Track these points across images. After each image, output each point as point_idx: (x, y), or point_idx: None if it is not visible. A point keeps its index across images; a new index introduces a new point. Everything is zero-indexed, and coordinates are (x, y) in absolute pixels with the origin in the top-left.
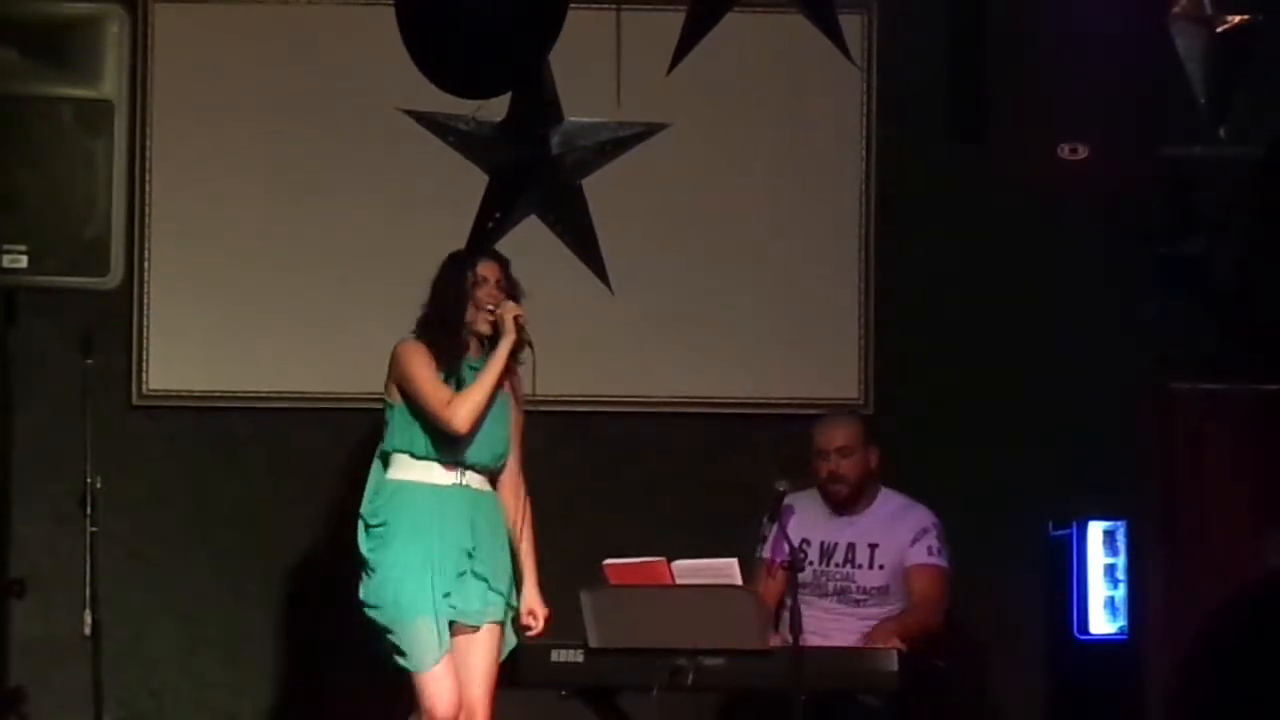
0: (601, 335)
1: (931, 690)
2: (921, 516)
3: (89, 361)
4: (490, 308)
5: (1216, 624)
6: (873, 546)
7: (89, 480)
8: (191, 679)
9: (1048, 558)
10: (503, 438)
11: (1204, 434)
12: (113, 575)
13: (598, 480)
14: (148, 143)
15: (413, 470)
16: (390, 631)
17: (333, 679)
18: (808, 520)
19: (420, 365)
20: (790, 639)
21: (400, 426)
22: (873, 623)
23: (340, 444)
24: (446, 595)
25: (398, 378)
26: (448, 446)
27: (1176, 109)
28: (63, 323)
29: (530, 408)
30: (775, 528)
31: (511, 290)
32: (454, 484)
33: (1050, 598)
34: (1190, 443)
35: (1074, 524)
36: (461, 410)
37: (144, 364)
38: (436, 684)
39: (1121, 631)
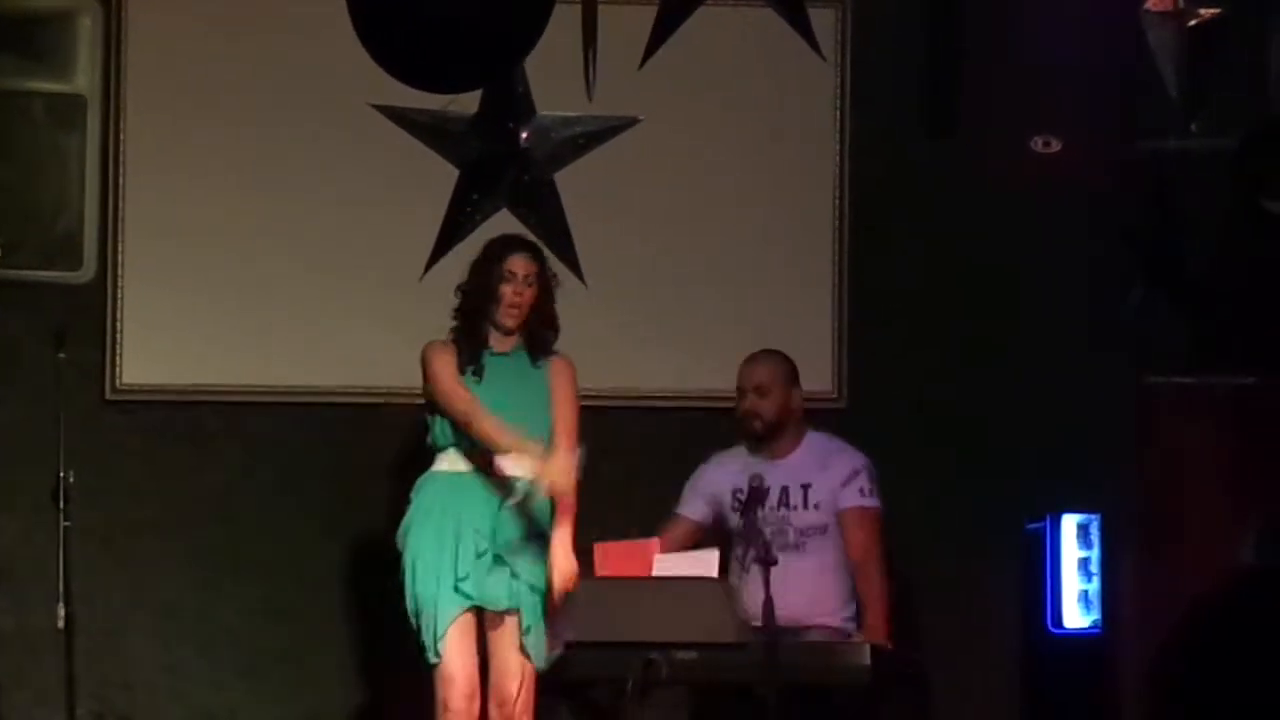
0: (574, 329)
1: (904, 683)
2: (852, 458)
3: (62, 356)
4: (514, 305)
5: (1190, 619)
6: (805, 487)
7: (62, 474)
8: (165, 672)
9: (1022, 551)
10: (521, 425)
11: (1179, 428)
12: (86, 569)
13: None
14: (121, 137)
15: (443, 461)
16: (411, 621)
17: (308, 672)
18: (734, 470)
19: (439, 366)
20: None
21: (433, 423)
22: (814, 569)
23: (314, 438)
24: (465, 578)
25: (425, 380)
26: (463, 435)
27: (1150, 102)
28: (36, 317)
29: None
30: (748, 516)
31: (544, 283)
32: (473, 470)
33: (1024, 591)
34: (1165, 437)
35: (1048, 517)
36: (478, 420)
37: (117, 358)
38: (445, 679)
39: (1095, 625)
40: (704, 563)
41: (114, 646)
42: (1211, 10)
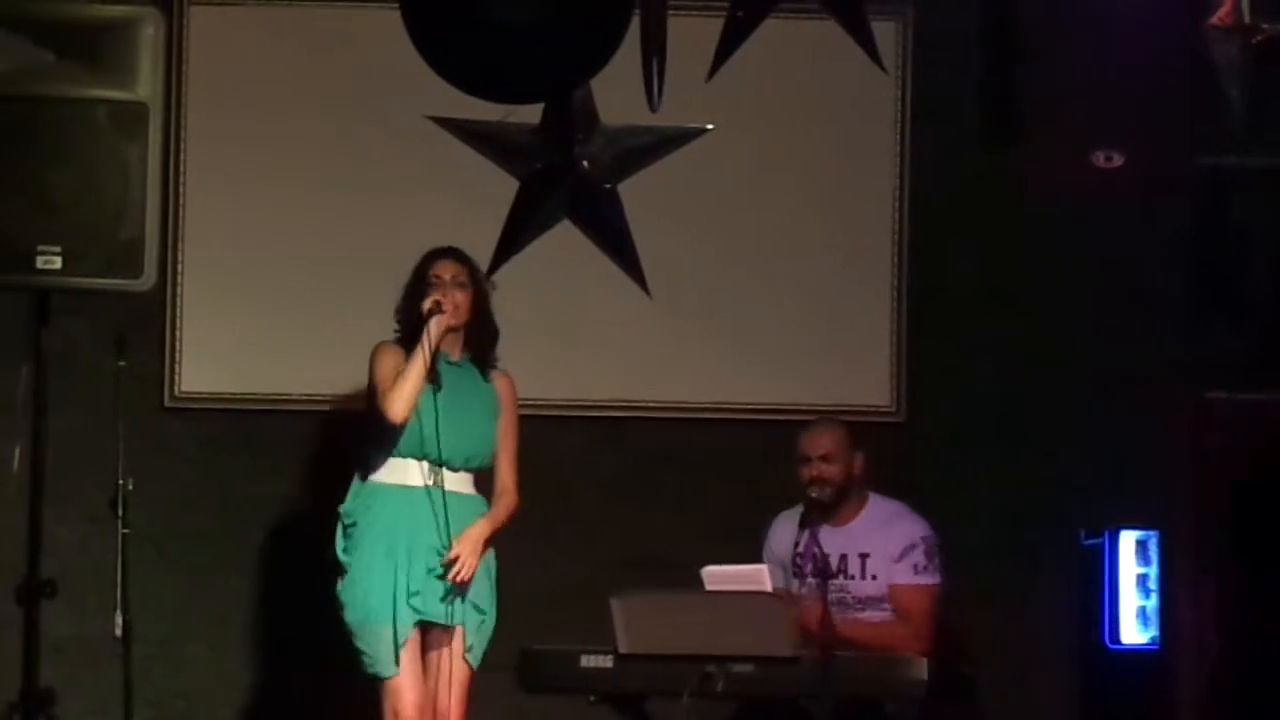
0: (637, 340)
1: (961, 699)
2: (910, 529)
3: (122, 363)
4: (444, 308)
5: (1247, 635)
6: (864, 557)
7: (120, 482)
8: (221, 681)
9: (1080, 567)
10: (478, 436)
11: (1237, 444)
12: (144, 577)
13: (632, 486)
14: (182, 145)
15: (386, 472)
16: (356, 634)
17: (364, 681)
18: (793, 534)
19: (380, 363)
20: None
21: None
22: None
23: None
24: (416, 594)
25: (370, 378)
26: (409, 443)
27: (1212, 117)
28: (96, 324)
29: (565, 413)
30: (805, 534)
31: (476, 286)
32: (426, 484)
33: (1082, 607)
34: (1223, 452)
35: (1106, 533)
36: (394, 399)
37: (176, 366)
38: (397, 691)
39: (1153, 641)
40: (755, 578)
41: (171, 655)
42: (1276, 27)
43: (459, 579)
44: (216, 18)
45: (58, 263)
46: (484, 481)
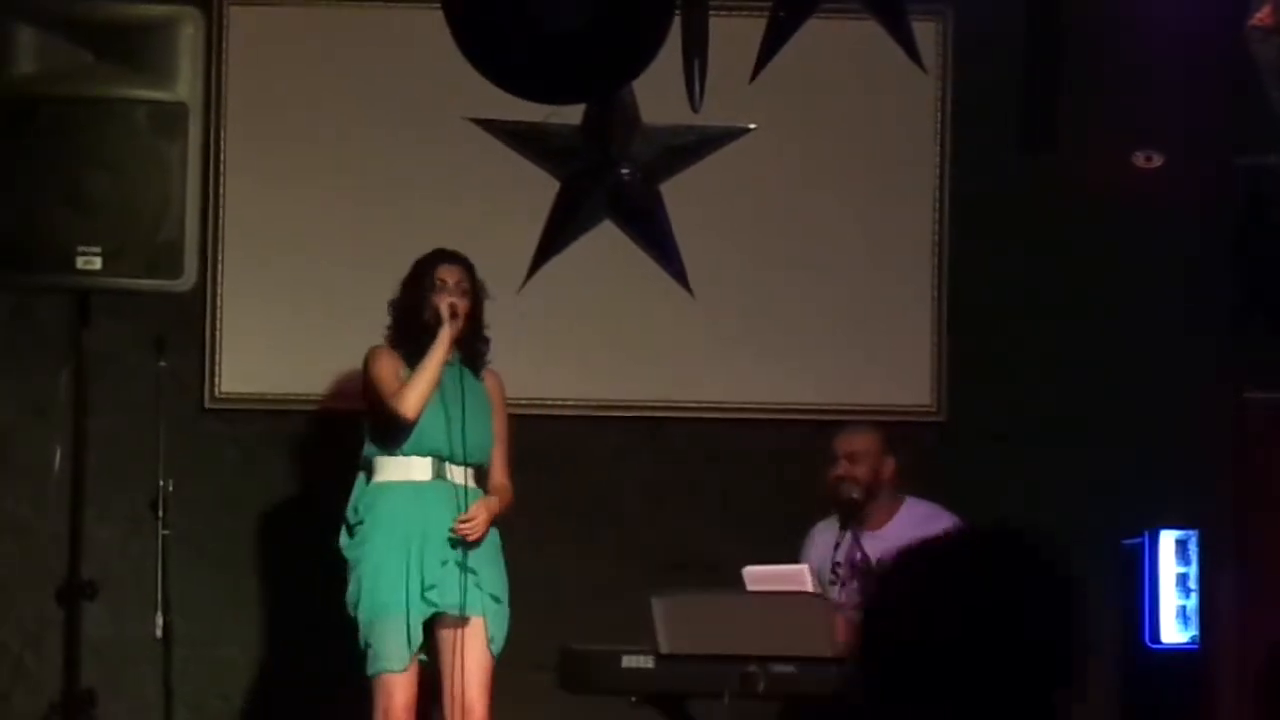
0: (679, 340)
1: None
2: (946, 526)
3: (162, 364)
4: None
5: None
6: None
7: (161, 483)
8: (260, 682)
9: (1119, 567)
10: (479, 432)
11: (1277, 443)
12: (183, 578)
13: (673, 486)
14: (222, 146)
15: (392, 470)
16: (366, 630)
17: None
18: (829, 544)
19: (381, 366)
20: None
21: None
22: None
23: None
24: (431, 588)
25: (366, 382)
26: (418, 440)
27: (1253, 118)
28: (136, 325)
29: (605, 413)
30: (848, 535)
31: (476, 292)
32: (433, 479)
33: (1122, 607)
34: (1262, 452)
35: (1146, 533)
36: (408, 396)
37: (216, 367)
38: (391, 689)
39: (1193, 641)
40: (796, 578)
41: (211, 656)
42: None
43: (462, 531)
44: (256, 17)
45: (98, 264)
46: (481, 479)
